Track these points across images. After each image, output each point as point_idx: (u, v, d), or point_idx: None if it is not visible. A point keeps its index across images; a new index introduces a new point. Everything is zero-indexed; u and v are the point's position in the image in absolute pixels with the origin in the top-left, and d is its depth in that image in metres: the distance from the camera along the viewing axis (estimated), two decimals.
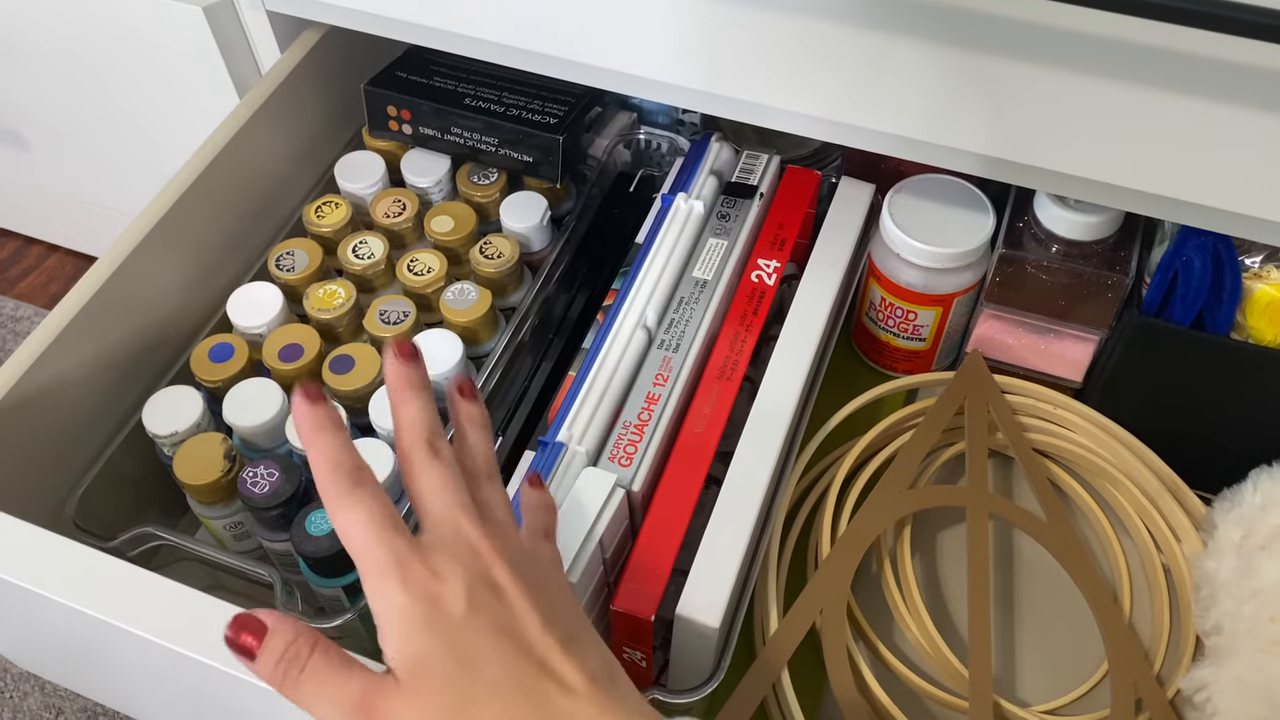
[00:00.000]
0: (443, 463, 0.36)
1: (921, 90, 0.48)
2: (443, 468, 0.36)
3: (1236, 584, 0.51)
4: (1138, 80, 0.43)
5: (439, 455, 0.36)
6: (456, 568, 0.33)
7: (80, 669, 0.55)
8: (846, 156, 0.67)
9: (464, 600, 0.33)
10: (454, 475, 0.36)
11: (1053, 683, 0.55)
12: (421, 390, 0.37)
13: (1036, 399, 0.60)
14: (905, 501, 0.55)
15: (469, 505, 0.35)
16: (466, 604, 0.33)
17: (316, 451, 0.34)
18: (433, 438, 0.36)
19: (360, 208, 0.64)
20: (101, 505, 0.54)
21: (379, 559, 0.33)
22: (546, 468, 0.47)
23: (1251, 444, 0.55)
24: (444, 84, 0.64)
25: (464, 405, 0.40)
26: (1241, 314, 0.53)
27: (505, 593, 0.34)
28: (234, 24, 0.64)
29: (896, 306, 0.61)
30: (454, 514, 0.35)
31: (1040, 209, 0.56)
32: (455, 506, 0.35)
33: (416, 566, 0.33)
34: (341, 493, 0.33)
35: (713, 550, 0.46)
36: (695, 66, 0.52)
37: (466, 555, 0.34)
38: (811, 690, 0.53)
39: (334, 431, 0.35)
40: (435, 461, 0.36)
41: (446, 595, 0.32)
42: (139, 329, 0.56)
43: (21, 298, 1.00)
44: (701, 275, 0.54)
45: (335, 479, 0.34)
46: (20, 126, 0.83)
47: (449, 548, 0.34)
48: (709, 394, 0.50)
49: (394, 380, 0.37)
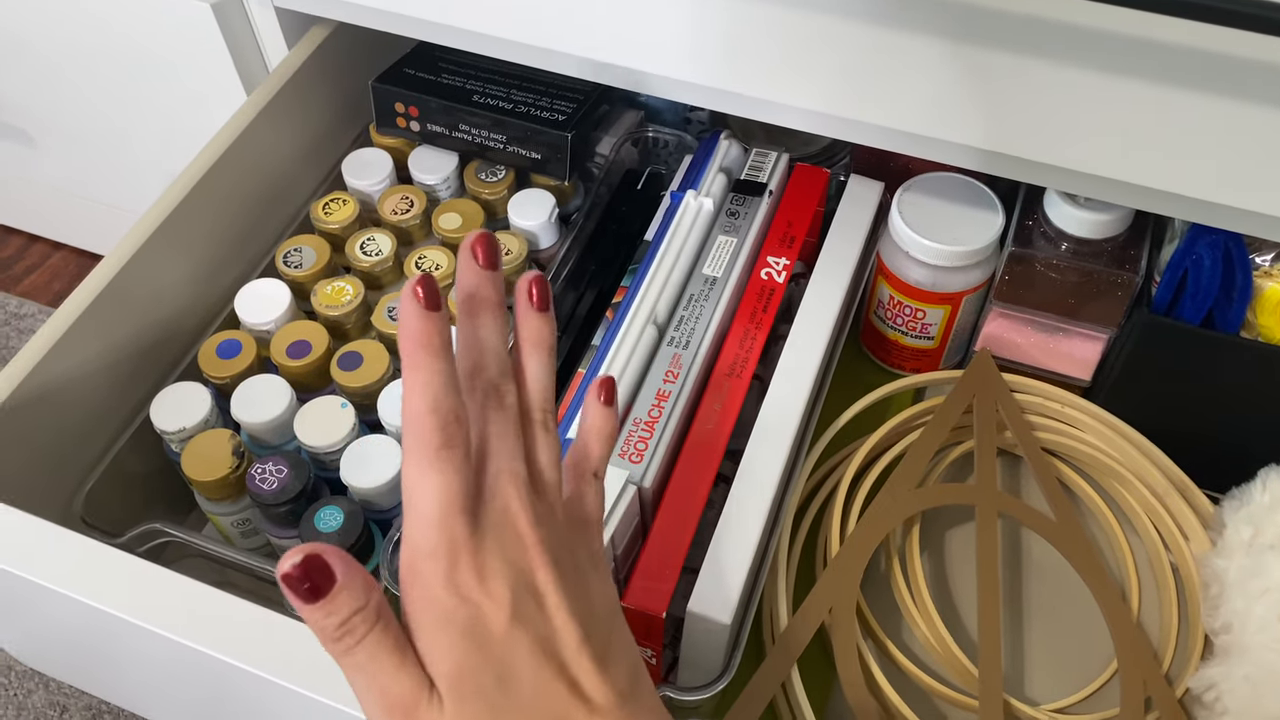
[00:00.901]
0: (506, 414, 0.32)
1: (930, 86, 0.48)
2: (505, 420, 0.32)
3: (1245, 583, 0.50)
4: (1148, 76, 0.43)
5: (504, 403, 0.32)
6: (504, 569, 0.31)
7: (86, 665, 0.55)
8: (855, 154, 0.67)
9: (508, 611, 0.30)
10: (513, 431, 0.32)
11: (1062, 681, 0.54)
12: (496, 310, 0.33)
13: (1045, 398, 0.59)
14: (914, 500, 0.55)
15: (521, 475, 0.32)
16: (510, 615, 0.30)
17: (418, 381, 0.30)
18: (500, 380, 0.32)
19: (368, 205, 0.64)
20: (109, 502, 0.54)
21: (434, 541, 0.30)
22: None
23: (1260, 443, 0.55)
24: (452, 81, 0.64)
25: (531, 318, 0.35)
26: (1252, 312, 0.53)
27: (547, 601, 0.31)
28: (242, 20, 0.64)
29: (905, 305, 0.61)
30: (504, 486, 0.31)
31: (1050, 207, 0.56)
32: (506, 475, 0.32)
33: (465, 563, 0.30)
34: (428, 447, 0.30)
35: (723, 547, 0.46)
36: (703, 62, 0.52)
37: (514, 551, 0.31)
38: (821, 688, 0.53)
39: (442, 359, 0.30)
40: (499, 413, 0.32)
41: (490, 605, 0.30)
42: (146, 325, 0.56)
43: (25, 295, 1.00)
44: (711, 272, 0.54)
45: (428, 426, 0.30)
46: (25, 123, 0.83)
47: (498, 538, 0.31)
48: (719, 391, 0.50)
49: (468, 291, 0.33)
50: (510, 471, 0.32)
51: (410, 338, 0.30)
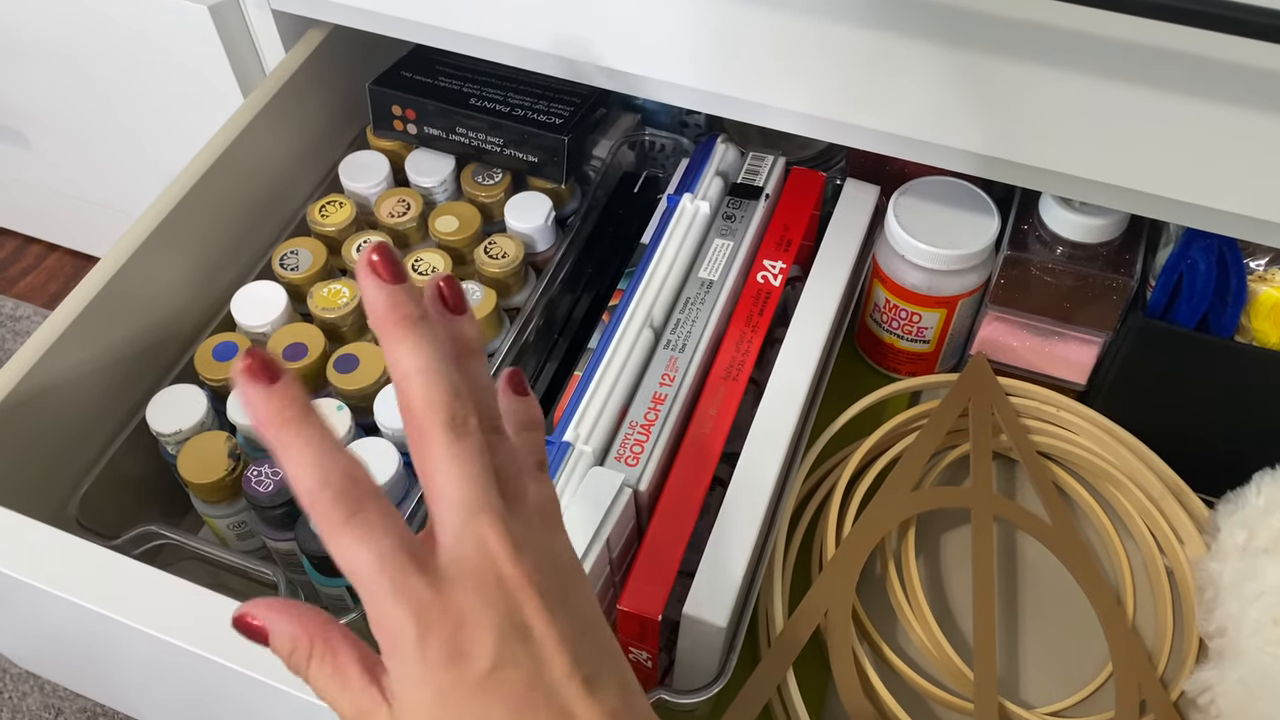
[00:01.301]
0: (470, 446, 0.28)
1: (925, 90, 0.48)
2: (470, 454, 0.28)
3: (1240, 586, 0.51)
4: (1143, 82, 0.44)
5: (465, 434, 0.28)
6: (485, 613, 0.28)
7: (81, 667, 0.55)
8: (851, 158, 0.67)
9: (491, 656, 0.28)
10: (483, 468, 0.29)
11: (1057, 684, 0.55)
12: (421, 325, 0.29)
13: (1040, 401, 0.60)
14: (909, 503, 0.55)
15: (496, 509, 0.29)
16: (494, 660, 0.28)
17: (292, 463, 0.27)
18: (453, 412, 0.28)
19: (364, 207, 0.64)
20: (104, 504, 0.54)
21: (394, 615, 0.27)
22: (553, 467, 0.46)
23: (1255, 446, 0.55)
24: (449, 84, 0.64)
25: (450, 324, 0.31)
26: (1246, 317, 0.53)
27: (534, 634, 0.29)
28: (239, 22, 0.64)
29: (901, 308, 0.61)
30: (479, 526, 0.28)
31: (1045, 211, 0.56)
32: (481, 514, 0.28)
33: (437, 619, 0.27)
34: (340, 521, 0.27)
35: (719, 550, 0.46)
36: (699, 66, 0.52)
37: (494, 592, 0.28)
38: (816, 691, 0.53)
39: (311, 429, 0.27)
40: (459, 445, 0.28)
41: (473, 652, 0.28)
42: (143, 327, 0.56)
43: (21, 297, 1.00)
44: (707, 276, 0.54)
45: (325, 501, 0.27)
46: (21, 124, 0.83)
47: (473, 579, 0.28)
48: (715, 394, 0.50)
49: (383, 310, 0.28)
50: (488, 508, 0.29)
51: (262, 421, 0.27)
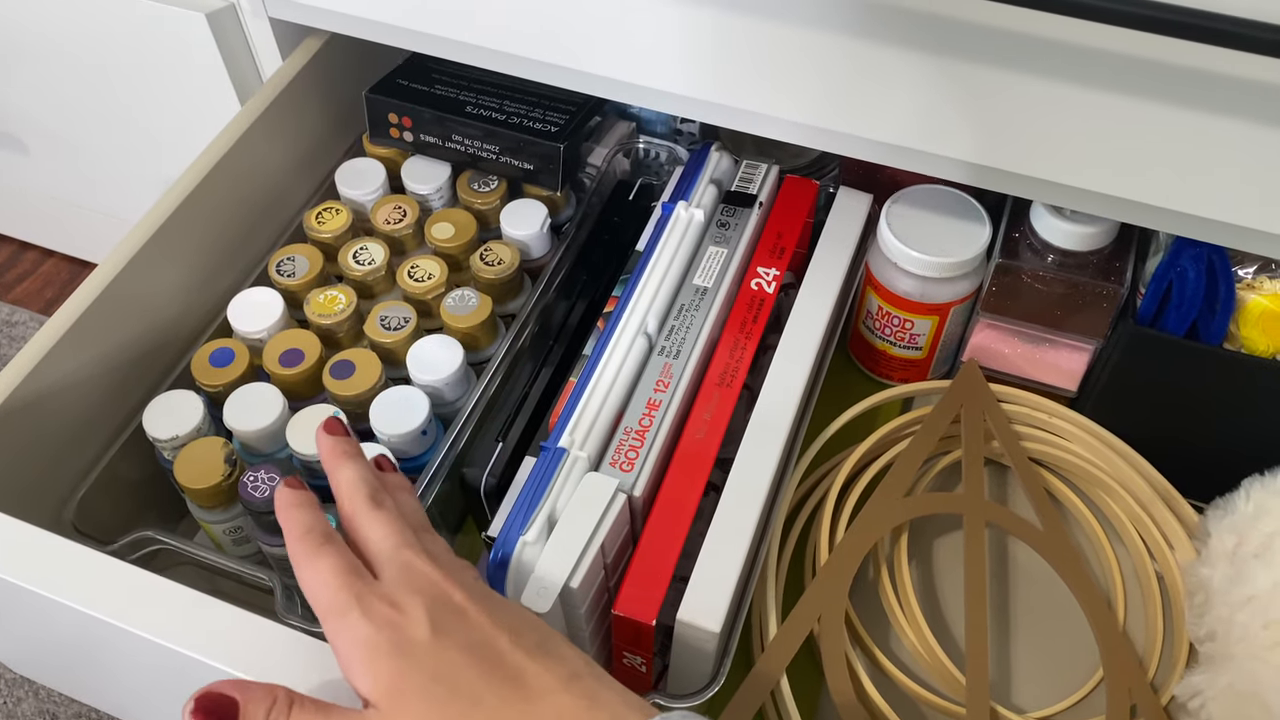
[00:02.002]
0: (386, 512, 0.38)
1: (916, 100, 0.48)
2: (386, 516, 0.38)
3: (1230, 591, 0.51)
4: (1133, 92, 0.44)
5: (381, 506, 0.38)
6: (415, 597, 0.35)
7: (77, 672, 0.55)
8: (844, 166, 0.67)
9: (427, 625, 0.34)
10: (398, 521, 0.38)
11: (1048, 689, 0.55)
12: (355, 456, 0.41)
13: (1032, 408, 0.60)
14: (902, 509, 0.56)
15: (416, 545, 0.37)
16: (430, 628, 0.34)
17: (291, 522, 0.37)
18: (373, 493, 0.39)
19: (361, 214, 0.64)
20: (101, 509, 0.54)
21: (340, 601, 0.34)
22: (548, 473, 0.47)
23: (1244, 453, 0.55)
24: (445, 92, 0.64)
25: (389, 477, 0.43)
26: (1235, 324, 0.53)
27: (468, 614, 0.35)
28: (236, 30, 0.64)
29: (893, 315, 0.61)
30: (403, 554, 0.37)
31: (1036, 219, 0.57)
32: (403, 548, 0.37)
33: (376, 601, 0.34)
34: (309, 551, 0.36)
35: (713, 556, 0.46)
36: (694, 75, 0.52)
37: (423, 584, 0.36)
38: (809, 696, 0.53)
39: (308, 508, 0.38)
40: (379, 512, 0.38)
41: (410, 622, 0.34)
42: (140, 333, 0.56)
43: (17, 303, 1.00)
44: (702, 283, 0.55)
45: (305, 540, 0.37)
46: (19, 130, 0.83)
47: (405, 581, 0.36)
48: (709, 401, 0.51)
49: (328, 453, 0.41)
50: (408, 544, 0.37)
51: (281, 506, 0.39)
